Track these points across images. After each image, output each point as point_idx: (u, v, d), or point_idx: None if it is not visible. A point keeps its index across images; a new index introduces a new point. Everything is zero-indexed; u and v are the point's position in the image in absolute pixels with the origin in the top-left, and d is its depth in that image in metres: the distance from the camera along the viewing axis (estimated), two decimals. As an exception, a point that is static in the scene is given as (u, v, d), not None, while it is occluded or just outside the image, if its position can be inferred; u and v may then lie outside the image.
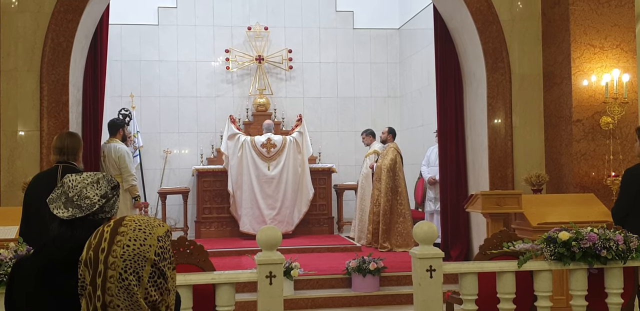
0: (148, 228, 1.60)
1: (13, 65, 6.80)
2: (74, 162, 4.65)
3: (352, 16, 12.19)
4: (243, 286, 6.08)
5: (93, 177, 2.04)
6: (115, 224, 1.60)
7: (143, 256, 1.55)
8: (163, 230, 1.63)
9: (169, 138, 11.51)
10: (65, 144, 4.64)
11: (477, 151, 7.65)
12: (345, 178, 11.53)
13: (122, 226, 1.59)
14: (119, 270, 1.52)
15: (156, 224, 1.64)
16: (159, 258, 1.58)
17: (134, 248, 1.55)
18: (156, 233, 1.60)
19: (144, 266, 1.54)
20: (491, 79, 7.39)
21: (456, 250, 7.80)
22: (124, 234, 1.57)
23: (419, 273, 3.68)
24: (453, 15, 7.81)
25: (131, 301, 1.51)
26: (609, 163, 6.84)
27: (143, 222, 1.62)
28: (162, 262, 1.58)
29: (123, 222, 1.61)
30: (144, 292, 1.53)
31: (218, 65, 11.73)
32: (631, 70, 6.96)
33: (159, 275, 1.57)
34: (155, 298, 1.55)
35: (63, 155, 4.64)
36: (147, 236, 1.58)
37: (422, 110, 11.09)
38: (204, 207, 10.36)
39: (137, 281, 1.53)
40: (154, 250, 1.57)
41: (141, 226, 1.60)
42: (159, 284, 1.57)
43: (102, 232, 1.59)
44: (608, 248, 3.71)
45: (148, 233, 1.59)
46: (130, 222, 1.61)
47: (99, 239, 1.58)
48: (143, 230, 1.58)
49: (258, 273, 3.55)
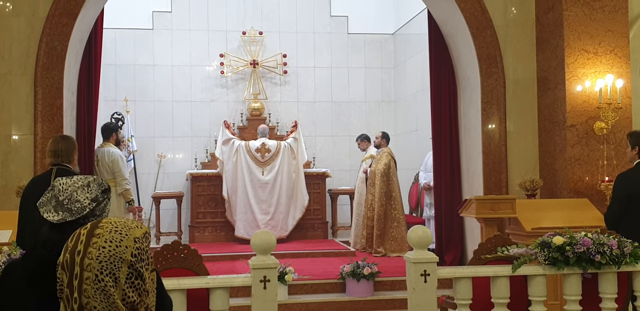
0: (124, 230, 1.59)
1: (7, 69, 6.79)
2: (68, 165, 4.65)
3: (347, 21, 12.21)
4: (237, 291, 6.08)
5: (84, 180, 2.03)
6: (92, 226, 1.60)
7: (119, 258, 1.54)
8: (141, 232, 1.62)
9: (163, 142, 11.49)
10: (60, 147, 4.65)
11: (471, 156, 7.66)
12: (339, 183, 11.52)
13: (98, 228, 1.58)
14: (94, 272, 1.51)
15: (134, 226, 1.62)
16: (136, 259, 1.57)
17: (109, 250, 1.54)
18: (133, 234, 1.59)
19: (120, 267, 1.53)
20: (485, 84, 7.41)
21: (450, 254, 7.80)
22: (100, 236, 1.56)
23: (413, 277, 3.67)
24: (447, 21, 7.83)
25: (108, 303, 1.51)
26: (602, 169, 6.86)
27: (120, 224, 1.60)
28: (139, 263, 1.57)
29: (99, 224, 1.60)
30: (121, 293, 1.53)
31: (212, 69, 11.72)
32: (625, 75, 6.99)
33: (136, 276, 1.56)
34: (133, 299, 1.54)
35: (57, 158, 4.64)
36: (123, 238, 1.57)
37: (416, 115, 11.11)
38: (198, 211, 10.34)
39: (114, 282, 1.52)
40: (130, 251, 1.56)
41: (117, 228, 1.58)
42: (136, 285, 1.56)
43: (79, 235, 1.58)
44: (602, 253, 3.71)
45: (124, 234, 1.58)
46: (106, 224, 1.60)
47: (75, 241, 1.57)
48: (119, 232, 1.57)
49: (252, 278, 3.54)
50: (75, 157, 4.75)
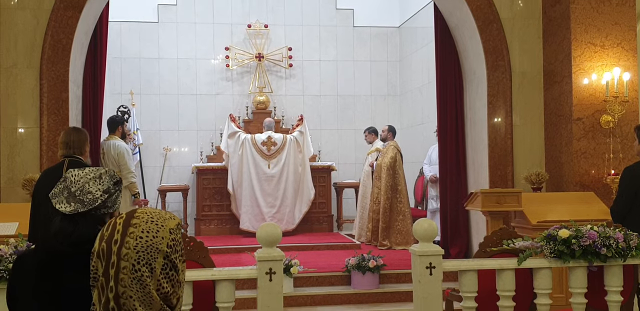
0: (160, 221, 1.60)
1: (13, 62, 6.80)
2: (80, 157, 4.69)
3: (352, 14, 12.18)
4: (243, 283, 6.09)
5: (95, 172, 2.05)
6: (128, 216, 1.61)
7: (156, 248, 1.55)
8: (174, 223, 1.64)
9: (168, 135, 11.51)
10: (72, 139, 4.69)
11: (477, 149, 7.65)
12: (345, 176, 11.53)
13: (134, 218, 1.59)
14: (132, 261, 1.53)
15: (168, 217, 1.64)
16: (171, 250, 1.59)
17: (146, 240, 1.56)
18: (168, 225, 1.61)
19: (156, 258, 1.55)
20: (491, 77, 7.39)
21: (455, 248, 7.80)
22: (137, 226, 1.57)
23: (419, 270, 3.68)
24: (453, 13, 7.80)
25: (144, 293, 1.52)
26: (609, 162, 6.84)
27: (155, 215, 1.62)
28: (174, 254, 1.59)
29: (135, 214, 1.61)
30: (156, 284, 1.54)
31: (218, 62, 11.72)
32: (632, 68, 6.96)
33: (170, 267, 1.58)
34: (167, 290, 1.56)
35: (69, 150, 4.68)
36: (159, 229, 1.58)
37: (422, 108, 11.09)
38: (204, 204, 10.36)
39: (150, 272, 1.54)
40: (166, 242, 1.58)
41: (153, 218, 1.60)
42: (170, 276, 1.58)
43: (115, 224, 1.60)
44: (608, 246, 3.71)
45: (160, 225, 1.59)
46: (142, 214, 1.61)
47: (111, 231, 1.58)
48: (155, 222, 1.59)
49: (258, 270, 3.55)
50: (87, 149, 4.79)
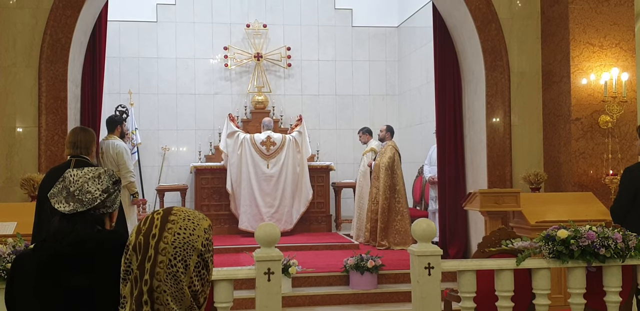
0: (196, 220, 1.64)
1: (11, 61, 6.79)
2: (87, 157, 4.68)
3: (351, 14, 12.18)
4: (241, 283, 6.09)
5: (94, 171, 2.05)
6: (165, 212, 1.65)
7: (191, 246, 1.59)
8: (207, 223, 1.68)
9: (167, 135, 11.50)
10: (79, 138, 4.68)
11: (476, 149, 7.65)
12: (343, 176, 11.53)
13: (172, 214, 1.63)
14: (168, 256, 1.56)
15: (201, 217, 1.68)
16: (205, 249, 1.62)
17: (184, 237, 1.58)
18: (203, 225, 1.65)
19: (191, 255, 1.58)
20: (490, 77, 7.39)
21: (454, 248, 7.81)
22: (175, 222, 1.60)
23: (417, 270, 3.67)
24: (452, 13, 7.80)
25: (177, 288, 1.55)
26: (607, 162, 6.85)
27: (191, 213, 1.66)
28: (207, 253, 1.62)
29: (172, 211, 1.65)
30: (189, 281, 1.58)
31: (216, 62, 11.71)
32: (630, 69, 6.96)
33: (203, 266, 1.61)
34: (197, 288, 1.59)
35: (76, 149, 4.67)
36: (195, 227, 1.62)
37: (420, 108, 11.09)
38: (202, 204, 10.35)
39: (184, 269, 1.57)
40: (201, 240, 1.61)
41: (190, 216, 1.64)
42: (202, 275, 1.61)
43: (152, 219, 1.63)
44: (607, 247, 3.70)
45: (197, 224, 1.63)
46: (179, 211, 1.65)
47: (149, 225, 1.61)
48: (192, 221, 1.63)
49: (256, 270, 3.55)
50: (93, 149, 4.78)
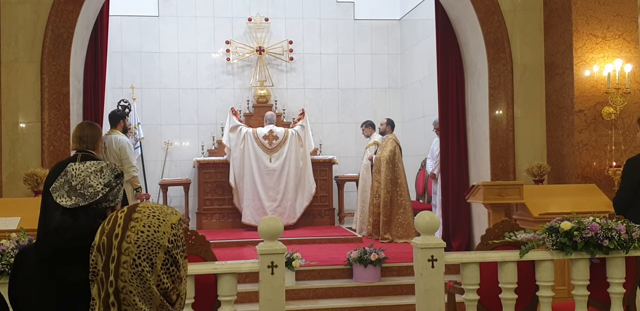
0: (162, 215, 1.59)
1: (14, 57, 6.79)
2: (93, 152, 4.70)
3: (353, 7, 12.14)
4: (245, 277, 6.11)
5: (96, 165, 2.04)
6: (129, 210, 1.60)
7: (157, 243, 1.54)
8: (176, 218, 1.63)
9: (169, 130, 11.50)
10: (85, 133, 4.72)
11: (479, 142, 7.64)
12: (346, 170, 11.53)
13: (136, 212, 1.58)
14: (132, 256, 1.52)
15: (169, 212, 1.63)
16: (172, 245, 1.57)
17: (147, 235, 1.54)
18: (170, 220, 1.60)
19: (157, 253, 1.54)
20: (493, 70, 7.37)
21: (457, 240, 7.80)
22: (138, 220, 1.56)
23: (421, 263, 3.68)
24: (454, 6, 7.77)
25: (144, 288, 1.51)
26: (610, 154, 6.83)
27: (157, 209, 1.61)
28: (175, 250, 1.58)
29: (137, 209, 1.60)
30: (156, 279, 1.53)
31: (218, 56, 11.70)
32: (633, 60, 6.93)
33: (171, 263, 1.57)
34: (167, 285, 1.55)
35: (83, 144, 4.70)
36: (161, 223, 1.57)
37: (423, 101, 11.07)
38: (205, 198, 10.36)
39: (151, 267, 1.53)
40: (167, 237, 1.57)
41: (155, 213, 1.59)
42: (171, 272, 1.57)
43: (116, 218, 1.59)
44: (610, 238, 3.70)
45: (162, 220, 1.58)
46: (144, 208, 1.60)
47: (112, 224, 1.58)
48: (157, 217, 1.58)
49: (260, 263, 3.55)
50: (100, 144, 4.81)
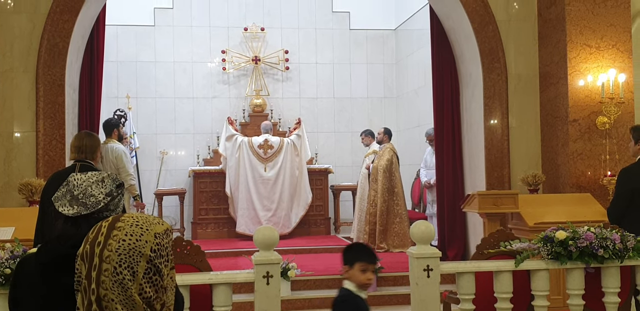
0: (146, 225, 1.59)
1: (9, 66, 6.78)
2: (91, 161, 4.69)
3: (349, 17, 12.19)
4: (240, 287, 6.08)
5: (98, 175, 2.05)
6: (113, 219, 1.60)
7: (138, 252, 1.54)
8: (162, 228, 1.62)
9: (165, 139, 11.49)
10: (84, 143, 4.71)
11: (474, 151, 7.66)
12: (342, 179, 11.52)
13: (119, 221, 1.59)
14: (113, 264, 1.51)
15: (155, 222, 1.63)
16: (155, 254, 1.57)
17: (129, 243, 1.54)
18: (154, 230, 1.60)
19: (139, 261, 1.53)
20: (487, 79, 7.40)
21: (453, 250, 7.80)
22: (121, 229, 1.56)
23: (416, 272, 3.67)
24: (449, 16, 7.81)
25: (125, 296, 1.51)
26: (605, 163, 6.85)
27: (141, 219, 1.61)
28: (158, 259, 1.57)
29: (121, 218, 1.60)
30: (138, 288, 1.53)
31: (214, 66, 11.71)
32: (627, 70, 6.97)
33: (154, 272, 1.56)
34: (149, 294, 1.54)
35: (81, 154, 4.70)
36: (143, 232, 1.57)
37: (418, 110, 11.09)
38: (201, 208, 10.35)
39: (132, 276, 1.52)
40: (150, 246, 1.56)
41: (139, 222, 1.59)
42: (154, 281, 1.56)
43: (100, 227, 1.59)
44: (605, 248, 3.71)
45: (145, 229, 1.58)
46: (128, 217, 1.61)
47: (96, 233, 1.58)
48: (140, 226, 1.58)
49: (255, 273, 3.54)
50: (98, 154, 4.81)
